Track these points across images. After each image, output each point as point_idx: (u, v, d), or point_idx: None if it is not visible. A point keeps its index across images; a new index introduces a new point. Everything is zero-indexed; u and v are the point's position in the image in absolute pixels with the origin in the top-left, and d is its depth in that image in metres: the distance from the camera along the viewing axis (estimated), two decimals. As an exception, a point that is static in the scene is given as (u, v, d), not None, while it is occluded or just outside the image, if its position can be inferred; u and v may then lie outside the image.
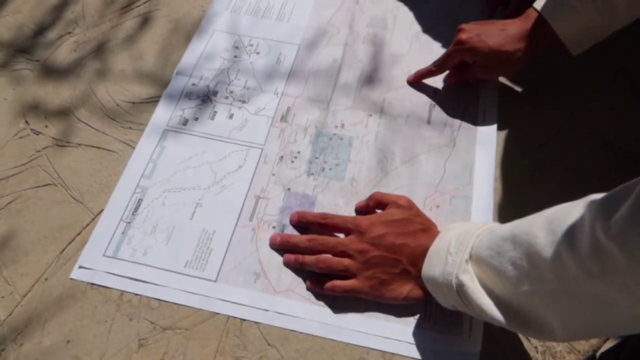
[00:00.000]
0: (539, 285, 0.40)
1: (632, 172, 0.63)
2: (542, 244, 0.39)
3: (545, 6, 0.61)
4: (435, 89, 0.72)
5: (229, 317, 0.56)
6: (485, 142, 0.67)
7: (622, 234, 0.33)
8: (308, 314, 0.56)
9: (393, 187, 0.63)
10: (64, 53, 0.79)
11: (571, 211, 0.39)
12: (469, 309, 0.47)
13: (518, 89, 0.72)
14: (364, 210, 0.61)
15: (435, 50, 0.76)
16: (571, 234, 0.37)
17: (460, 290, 0.46)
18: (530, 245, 0.40)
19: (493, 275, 0.44)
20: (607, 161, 0.66)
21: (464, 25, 0.66)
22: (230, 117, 0.71)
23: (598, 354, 0.54)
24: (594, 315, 0.38)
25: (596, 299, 0.37)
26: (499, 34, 0.63)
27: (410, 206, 0.57)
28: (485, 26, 0.65)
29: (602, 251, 0.34)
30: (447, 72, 0.72)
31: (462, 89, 0.71)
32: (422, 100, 0.71)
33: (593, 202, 0.37)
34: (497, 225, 0.48)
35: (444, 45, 0.77)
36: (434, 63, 0.70)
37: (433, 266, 0.49)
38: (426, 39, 0.78)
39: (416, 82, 0.72)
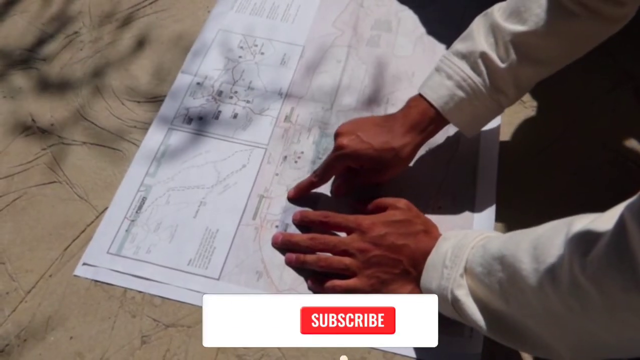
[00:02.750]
0: (528, 309, 0.41)
1: (635, 176, 0.64)
2: (526, 270, 0.39)
3: (436, 99, 0.57)
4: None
5: (231, 315, 0.56)
6: (488, 145, 0.67)
7: (597, 274, 0.33)
8: (310, 313, 0.56)
9: (396, 188, 0.63)
10: (70, 52, 0.80)
11: (554, 239, 0.38)
12: (465, 322, 0.48)
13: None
14: (361, 210, 0.61)
15: (438, 53, 0.76)
16: (552, 267, 0.37)
17: (456, 304, 0.47)
18: (515, 271, 0.40)
19: (486, 292, 0.44)
20: (610, 165, 0.66)
21: (341, 128, 0.60)
22: (235, 116, 0.71)
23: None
24: (584, 343, 0.38)
25: (581, 331, 0.37)
26: (381, 131, 0.58)
27: (409, 208, 0.57)
28: (364, 124, 0.59)
29: (580, 289, 0.34)
30: (333, 182, 0.64)
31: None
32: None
33: (572, 237, 0.36)
34: (491, 236, 0.48)
35: (447, 47, 0.77)
36: (315, 173, 0.62)
37: (430, 279, 0.50)
38: (430, 41, 0.78)
39: (297, 197, 0.63)
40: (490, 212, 0.62)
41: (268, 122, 0.71)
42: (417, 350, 0.53)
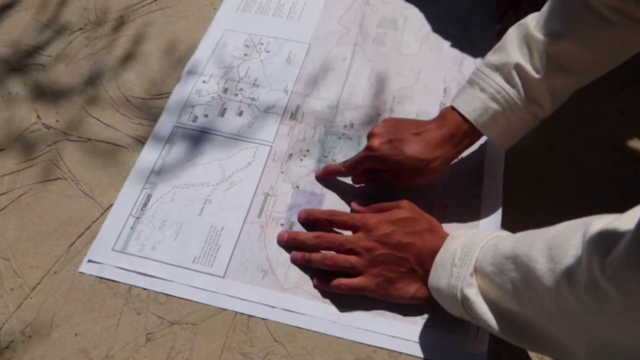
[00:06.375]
0: (541, 310, 0.40)
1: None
2: (541, 270, 0.39)
3: (470, 112, 0.56)
4: (445, 87, 0.72)
5: (236, 313, 0.56)
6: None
7: (618, 275, 0.32)
8: (315, 312, 0.56)
9: (401, 186, 0.63)
10: (75, 49, 0.80)
11: (570, 239, 0.37)
12: (475, 321, 0.47)
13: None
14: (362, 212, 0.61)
15: (444, 51, 0.76)
16: (569, 267, 0.36)
17: (465, 303, 0.47)
18: (529, 270, 0.40)
19: (497, 292, 0.44)
20: (616, 165, 0.65)
21: (374, 129, 0.59)
22: (240, 114, 0.71)
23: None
24: (600, 344, 0.38)
25: (598, 331, 0.37)
26: (415, 140, 0.57)
27: (412, 207, 0.57)
28: (398, 130, 0.58)
29: (599, 289, 0.34)
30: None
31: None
32: (432, 99, 0.71)
33: (590, 237, 0.35)
34: (502, 236, 0.48)
35: (453, 45, 0.77)
36: (344, 163, 0.62)
37: (439, 277, 0.49)
38: (436, 39, 0.78)
39: (324, 177, 0.64)
40: (496, 211, 0.61)
41: (273, 119, 0.70)
42: (423, 349, 0.53)
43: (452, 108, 0.57)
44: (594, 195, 0.63)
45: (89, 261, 0.60)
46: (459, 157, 0.65)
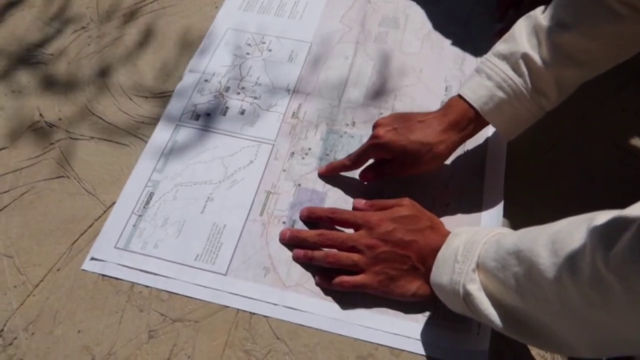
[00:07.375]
0: (544, 305, 0.40)
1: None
2: (544, 264, 0.39)
3: (476, 99, 0.56)
4: (447, 86, 0.72)
5: (238, 310, 0.56)
6: (496, 142, 0.67)
7: (621, 268, 0.33)
8: (317, 309, 0.56)
9: (403, 185, 0.63)
10: (78, 47, 0.80)
11: (574, 233, 0.38)
12: (477, 317, 0.48)
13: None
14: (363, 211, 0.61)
15: (446, 50, 0.76)
16: (573, 260, 0.37)
17: (468, 299, 0.47)
18: (532, 265, 0.40)
19: (500, 287, 0.44)
20: (618, 164, 0.65)
21: (380, 120, 0.60)
22: (242, 112, 0.71)
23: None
24: (604, 338, 0.38)
25: (600, 325, 0.37)
26: (419, 126, 0.58)
27: (414, 204, 0.57)
28: (403, 119, 0.59)
29: (603, 282, 0.34)
30: (363, 168, 0.64)
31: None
32: (434, 98, 0.71)
33: (594, 230, 0.36)
34: (505, 232, 0.48)
35: (454, 44, 0.77)
36: (348, 157, 0.62)
37: (441, 273, 0.50)
38: (437, 38, 0.78)
39: (326, 175, 0.65)
40: (498, 209, 0.61)
41: (275, 118, 0.70)
42: (425, 346, 0.53)
43: (459, 96, 0.58)
44: (596, 193, 0.63)
45: (92, 259, 0.60)
46: (461, 153, 0.66)
